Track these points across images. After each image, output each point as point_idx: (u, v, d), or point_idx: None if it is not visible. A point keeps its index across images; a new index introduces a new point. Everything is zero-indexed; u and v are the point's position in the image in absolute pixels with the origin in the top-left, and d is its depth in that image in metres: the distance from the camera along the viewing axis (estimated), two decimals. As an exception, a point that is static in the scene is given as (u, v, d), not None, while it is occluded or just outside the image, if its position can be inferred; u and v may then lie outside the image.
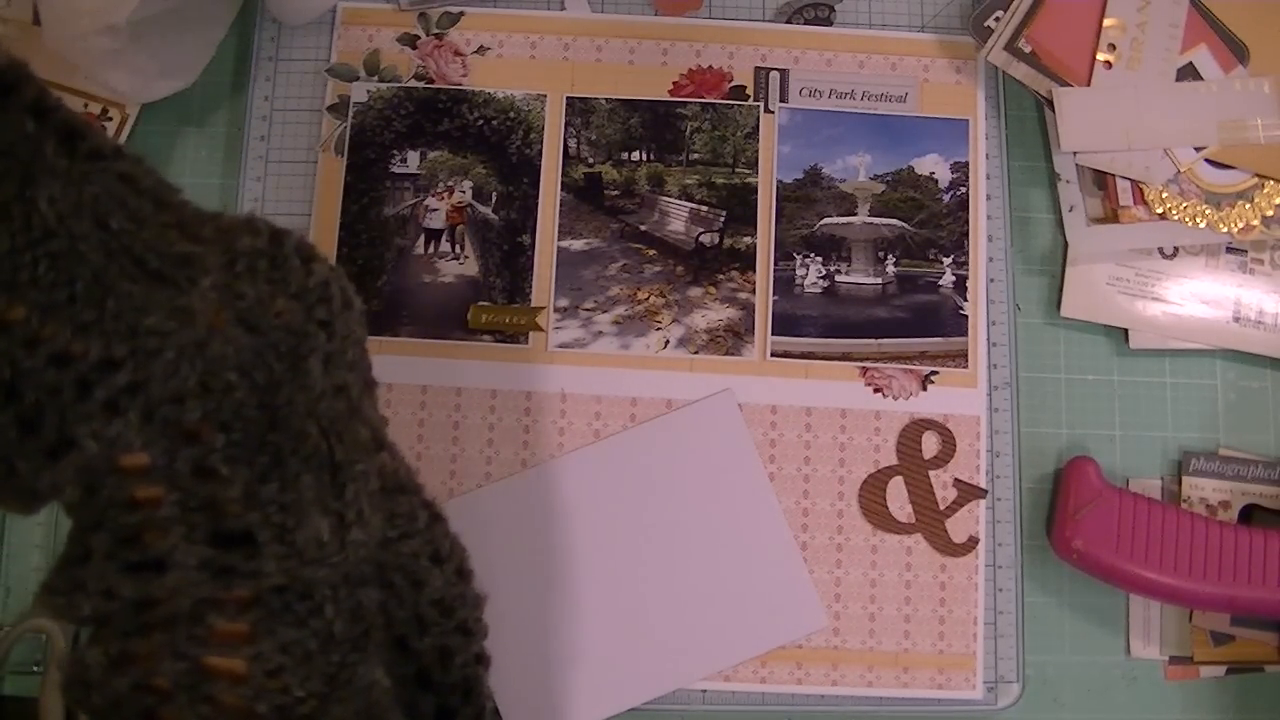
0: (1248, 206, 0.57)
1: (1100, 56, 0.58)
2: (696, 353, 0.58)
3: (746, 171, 0.60)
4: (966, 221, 0.59)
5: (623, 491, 0.56)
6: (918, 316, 0.58)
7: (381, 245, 0.59)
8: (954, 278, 0.59)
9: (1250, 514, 0.58)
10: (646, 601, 0.55)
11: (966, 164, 0.60)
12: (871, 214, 0.60)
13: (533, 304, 0.58)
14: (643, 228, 0.60)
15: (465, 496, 0.56)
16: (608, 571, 0.55)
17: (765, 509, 0.56)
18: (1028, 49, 0.58)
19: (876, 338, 0.58)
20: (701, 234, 0.59)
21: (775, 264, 0.59)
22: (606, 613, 0.55)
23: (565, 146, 0.60)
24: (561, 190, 0.60)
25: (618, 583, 0.55)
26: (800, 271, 0.59)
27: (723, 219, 0.59)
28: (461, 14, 0.61)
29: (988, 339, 0.59)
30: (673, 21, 0.61)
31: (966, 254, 0.59)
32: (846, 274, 0.59)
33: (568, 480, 0.56)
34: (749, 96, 0.61)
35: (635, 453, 0.57)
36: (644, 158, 0.60)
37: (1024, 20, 0.58)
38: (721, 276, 0.59)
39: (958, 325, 0.58)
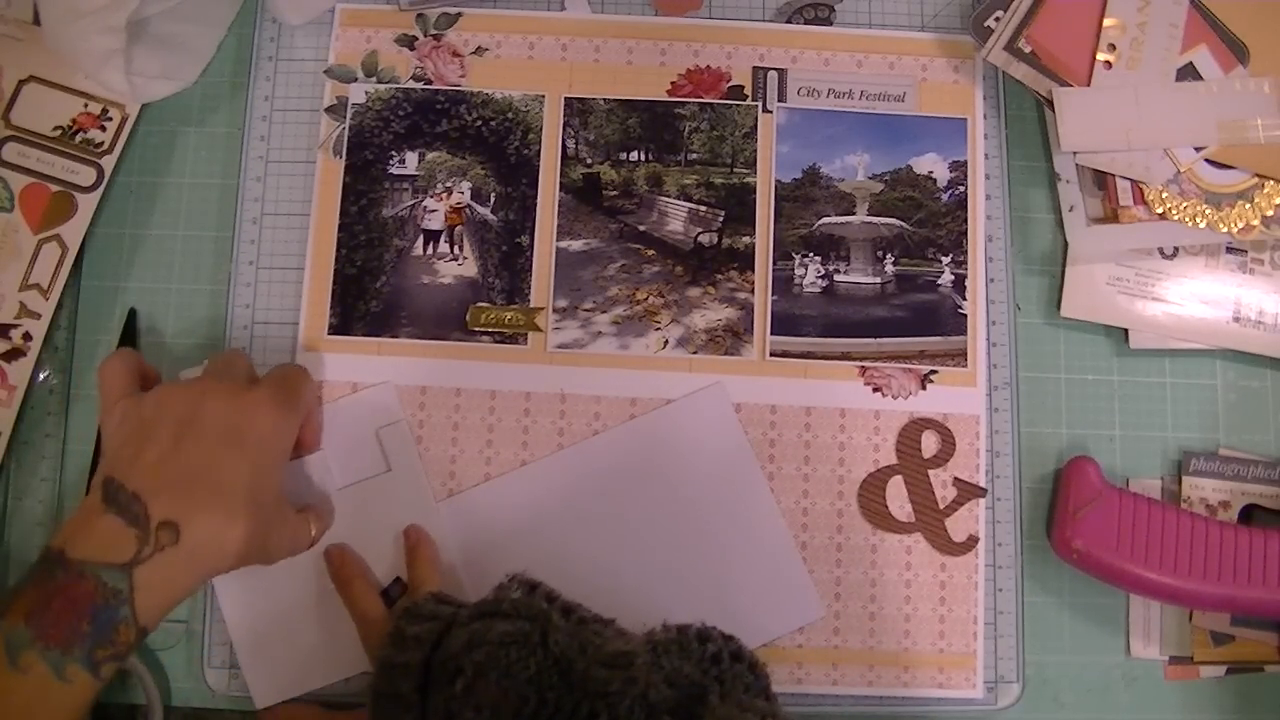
0: (1248, 206, 0.57)
1: (1100, 56, 0.57)
2: (695, 353, 0.58)
3: (745, 171, 0.60)
4: (965, 220, 0.59)
5: (615, 486, 0.56)
6: (917, 315, 0.58)
7: (380, 246, 0.59)
8: (953, 277, 0.59)
9: (1250, 514, 0.57)
10: (642, 595, 0.55)
11: (965, 163, 0.60)
12: (870, 213, 0.60)
13: (532, 305, 0.58)
14: (641, 228, 0.60)
15: (463, 494, 0.56)
16: (602, 566, 0.55)
17: (758, 499, 0.56)
18: (1028, 49, 0.58)
19: (876, 337, 0.58)
20: (700, 234, 0.59)
21: (774, 264, 0.59)
22: (602, 608, 0.55)
23: (564, 147, 0.60)
24: (560, 191, 0.60)
25: (612, 578, 0.55)
26: (799, 271, 0.59)
27: (721, 219, 0.59)
28: (460, 14, 0.61)
29: (987, 338, 0.58)
30: (670, 21, 0.61)
31: (965, 253, 0.59)
32: (845, 273, 0.59)
33: (562, 476, 0.56)
34: (747, 96, 0.61)
35: (627, 448, 0.57)
36: (642, 158, 0.60)
37: (1024, 20, 0.58)
38: (720, 276, 0.59)
39: (957, 324, 0.58)
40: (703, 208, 0.60)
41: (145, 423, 0.47)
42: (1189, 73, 0.57)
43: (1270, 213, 0.57)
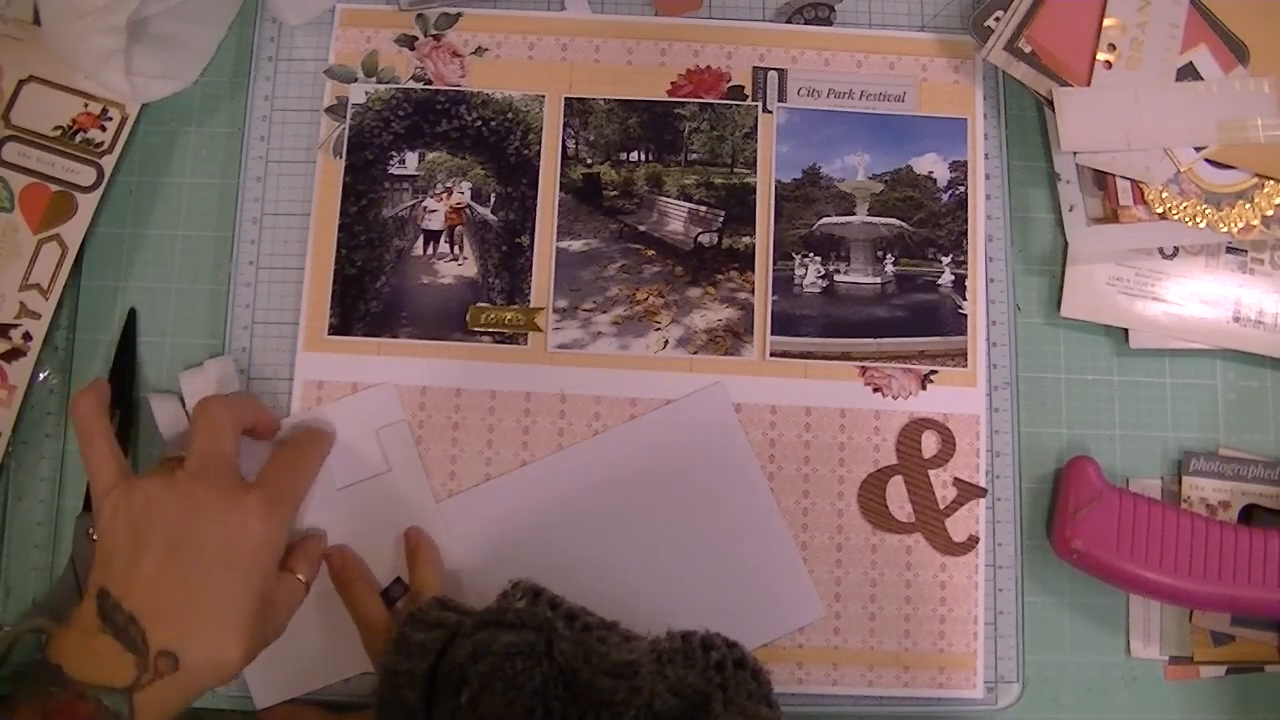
0: (1248, 206, 0.57)
1: (1100, 56, 0.57)
2: (695, 353, 0.58)
3: (745, 171, 0.60)
4: (965, 220, 0.59)
5: (616, 486, 0.56)
6: (917, 316, 0.58)
7: (380, 247, 0.59)
8: (953, 277, 0.59)
9: (1250, 514, 0.57)
10: (642, 595, 0.55)
11: (965, 163, 0.60)
12: (870, 213, 0.60)
13: (532, 305, 0.58)
14: (641, 228, 0.60)
15: (463, 494, 0.56)
16: (602, 566, 0.55)
17: (759, 500, 0.56)
18: (1028, 49, 0.58)
19: (876, 337, 0.58)
20: (700, 234, 0.59)
21: (774, 264, 0.59)
22: (602, 608, 0.55)
23: (564, 147, 0.60)
24: (560, 191, 0.60)
25: (613, 578, 0.55)
26: (799, 271, 0.59)
27: (721, 219, 0.59)
28: (460, 15, 0.61)
29: (987, 338, 0.58)
30: (670, 22, 0.61)
31: (965, 253, 0.59)
32: (845, 273, 0.59)
33: (562, 476, 0.56)
34: (747, 96, 0.61)
35: (627, 448, 0.57)
36: (642, 158, 0.60)
37: (1024, 20, 0.58)
38: (720, 276, 0.59)
39: (957, 324, 0.58)
40: (703, 208, 0.60)
41: (137, 530, 0.47)
42: (1189, 73, 0.57)
43: (1270, 213, 0.57)
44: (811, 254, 0.59)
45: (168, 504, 0.47)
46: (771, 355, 0.58)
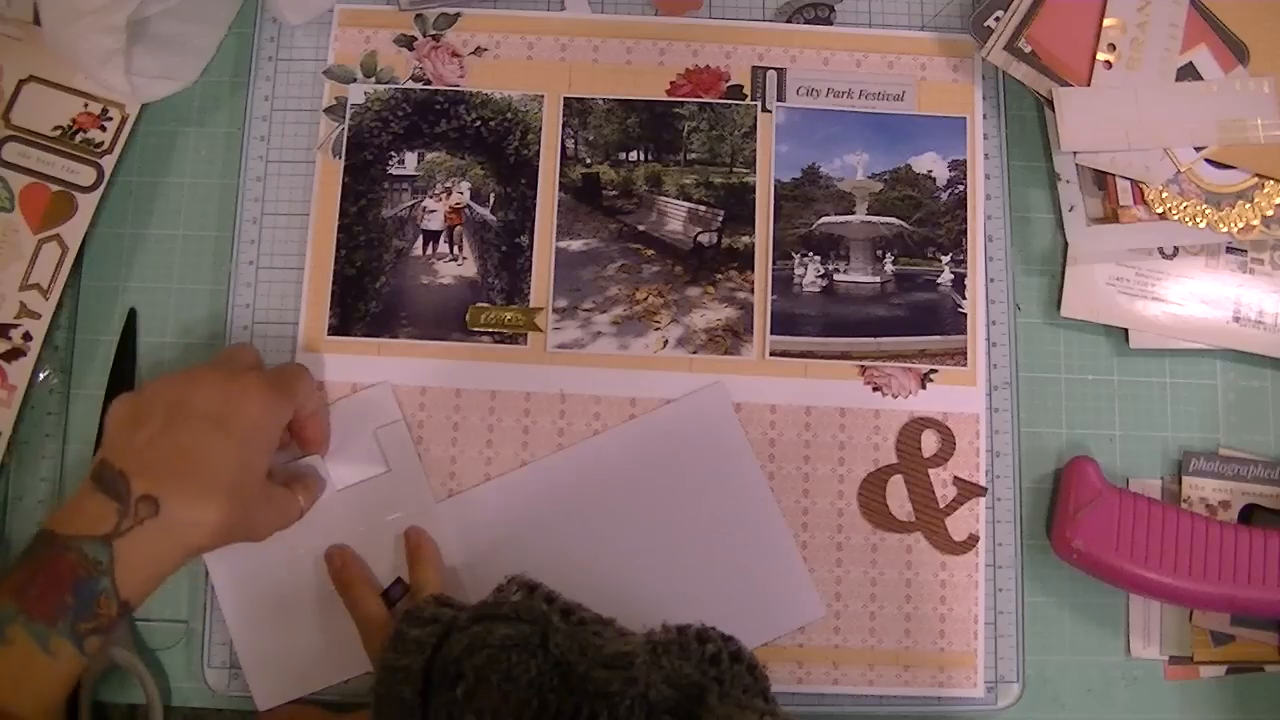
0: (1248, 206, 0.57)
1: (1100, 56, 0.57)
2: (695, 352, 0.58)
3: (744, 171, 0.60)
4: (965, 220, 0.59)
5: (616, 486, 0.56)
6: (916, 315, 0.58)
7: (380, 247, 0.59)
8: (952, 276, 0.59)
9: (1250, 514, 0.57)
10: (642, 595, 0.55)
11: (964, 162, 0.60)
12: (869, 212, 0.60)
13: (531, 305, 0.58)
14: (641, 228, 0.60)
15: (463, 495, 0.56)
16: (603, 566, 0.55)
17: (759, 499, 0.56)
18: (1028, 49, 0.58)
19: (875, 336, 0.58)
20: (700, 233, 0.59)
21: (773, 263, 0.59)
22: (602, 608, 0.55)
23: (563, 147, 0.60)
24: (559, 191, 0.60)
25: (613, 577, 0.55)
26: (799, 270, 0.59)
27: (721, 218, 0.59)
28: (459, 15, 0.61)
29: (987, 338, 0.58)
30: (669, 21, 0.61)
31: (965, 252, 0.59)
32: (845, 273, 0.59)
33: (562, 476, 0.56)
34: (746, 96, 0.61)
35: (627, 448, 0.57)
36: (642, 158, 0.60)
37: (1024, 20, 0.58)
38: (720, 276, 0.59)
39: (956, 323, 0.58)
40: (702, 207, 0.60)
41: (140, 409, 0.49)
42: (1189, 73, 0.57)
43: (1270, 213, 0.57)
44: (811, 253, 0.59)
45: (171, 382, 0.49)
46: (771, 355, 0.58)
